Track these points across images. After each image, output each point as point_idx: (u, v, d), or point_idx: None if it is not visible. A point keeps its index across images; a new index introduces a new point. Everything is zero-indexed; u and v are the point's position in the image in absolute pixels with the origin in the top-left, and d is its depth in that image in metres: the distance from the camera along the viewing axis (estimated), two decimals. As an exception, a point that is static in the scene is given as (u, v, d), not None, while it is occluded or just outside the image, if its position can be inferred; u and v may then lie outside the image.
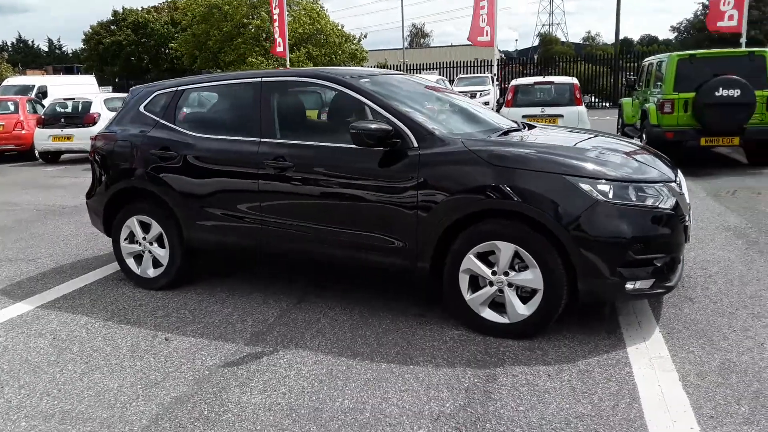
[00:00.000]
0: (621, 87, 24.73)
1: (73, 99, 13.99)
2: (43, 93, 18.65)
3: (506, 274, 3.33)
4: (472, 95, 19.06)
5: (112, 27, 44.91)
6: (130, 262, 4.58)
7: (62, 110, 13.82)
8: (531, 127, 4.38)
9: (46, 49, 67.64)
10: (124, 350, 3.48)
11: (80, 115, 13.47)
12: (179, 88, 4.47)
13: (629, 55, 32.65)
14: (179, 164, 4.22)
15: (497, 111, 10.76)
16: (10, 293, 4.56)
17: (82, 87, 19.59)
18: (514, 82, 12.14)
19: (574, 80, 11.76)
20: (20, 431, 2.68)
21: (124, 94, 7.79)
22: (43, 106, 15.38)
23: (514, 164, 3.26)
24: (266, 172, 3.90)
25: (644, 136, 9.75)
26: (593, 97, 31.64)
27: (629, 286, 3.15)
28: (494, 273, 3.36)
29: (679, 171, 3.89)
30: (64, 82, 20.69)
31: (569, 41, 73.41)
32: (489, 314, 3.42)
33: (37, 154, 14.26)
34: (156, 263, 4.48)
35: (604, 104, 30.61)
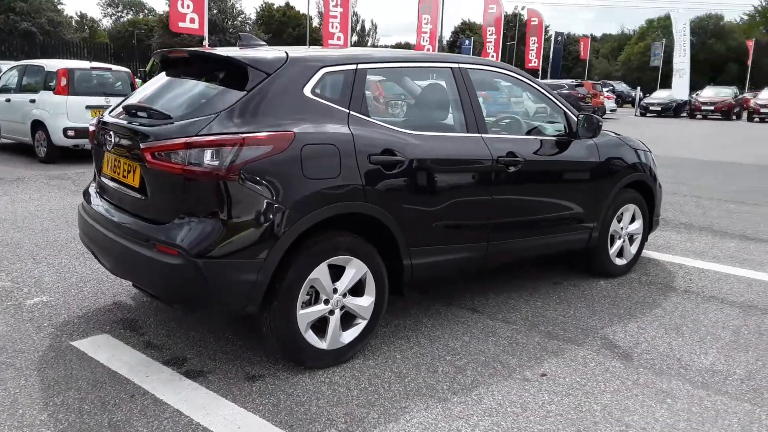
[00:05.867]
0: None
1: None
2: None
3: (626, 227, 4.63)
4: None
5: None
6: (310, 336, 2.87)
7: None
8: None
9: None
10: (559, 400, 2.79)
11: None
12: (359, 67, 3.02)
13: None
14: (408, 172, 3.09)
15: None
16: None
17: None
18: (64, 65, 9.93)
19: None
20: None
21: None
22: None
23: (637, 146, 4.60)
24: (498, 172, 3.54)
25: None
26: None
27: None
28: (621, 228, 4.57)
29: None
30: None
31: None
32: (617, 260, 4.61)
33: None
34: (347, 322, 3.03)
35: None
